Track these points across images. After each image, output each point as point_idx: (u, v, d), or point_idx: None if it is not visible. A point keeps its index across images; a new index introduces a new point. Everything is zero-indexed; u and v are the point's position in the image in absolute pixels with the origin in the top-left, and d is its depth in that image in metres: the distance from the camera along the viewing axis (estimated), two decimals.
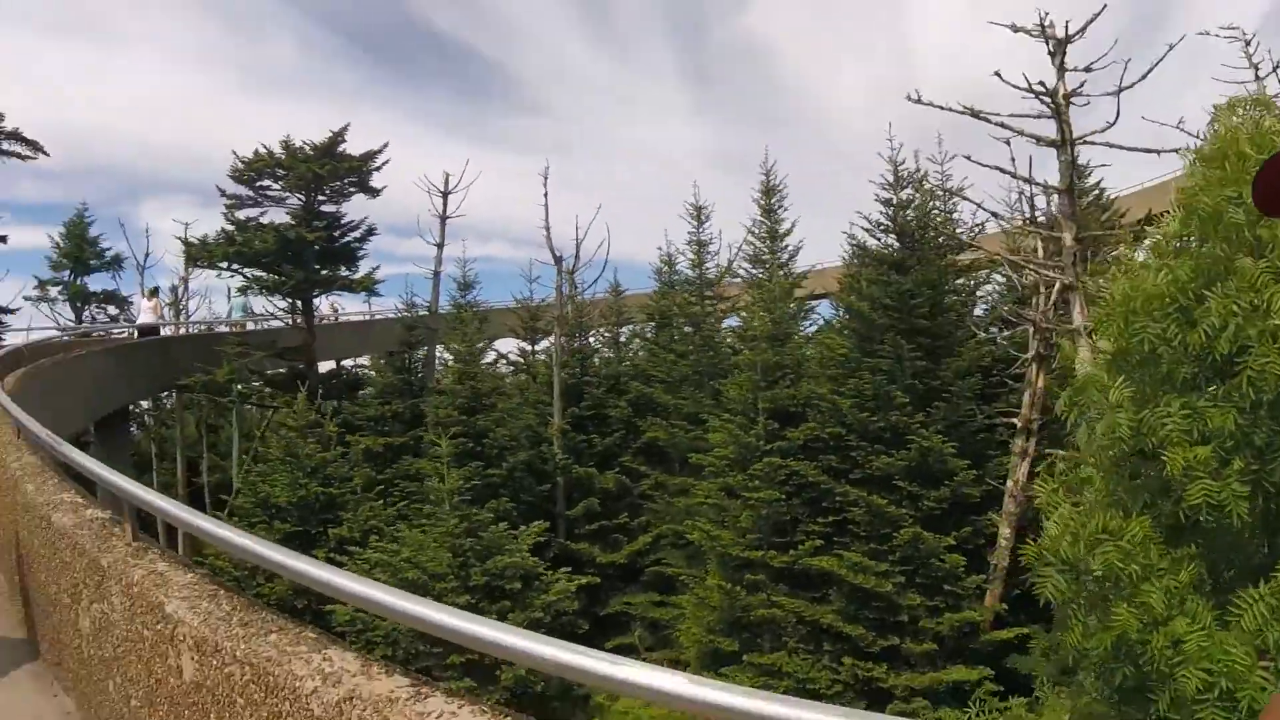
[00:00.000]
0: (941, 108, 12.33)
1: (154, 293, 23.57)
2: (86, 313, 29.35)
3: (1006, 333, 14.54)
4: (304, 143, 20.10)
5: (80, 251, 28.99)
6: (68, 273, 29.21)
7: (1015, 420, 13.00)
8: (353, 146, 20.52)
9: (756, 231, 20.87)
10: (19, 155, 23.44)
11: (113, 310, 30.01)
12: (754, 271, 21.23)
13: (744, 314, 19.66)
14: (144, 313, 22.36)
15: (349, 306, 30.24)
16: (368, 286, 21.26)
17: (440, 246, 21.06)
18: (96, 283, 30.44)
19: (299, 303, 21.34)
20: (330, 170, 19.67)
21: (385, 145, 20.53)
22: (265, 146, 20.18)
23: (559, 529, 17.75)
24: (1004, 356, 14.81)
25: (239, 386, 21.04)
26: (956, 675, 11.94)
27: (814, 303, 21.26)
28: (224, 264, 20.57)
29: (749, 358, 15.08)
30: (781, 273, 20.28)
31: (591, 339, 22.16)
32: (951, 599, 12.53)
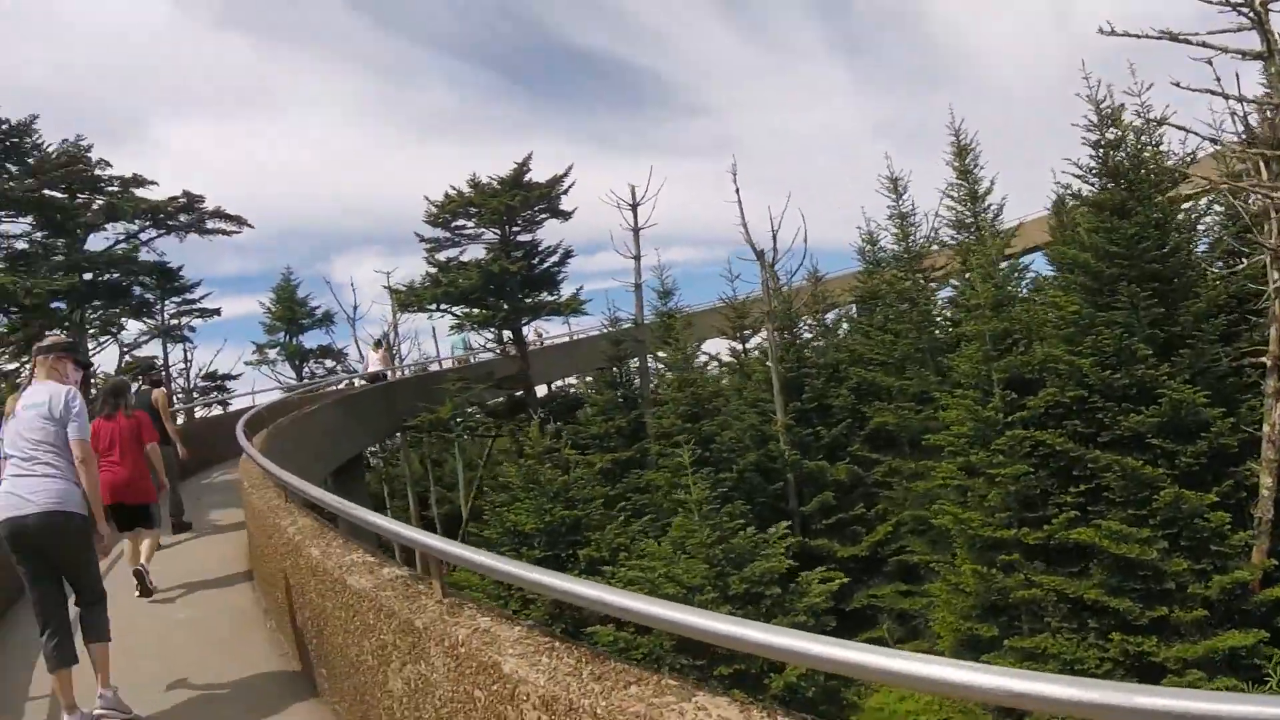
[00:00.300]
0: (1137, 36, 12.74)
1: (379, 343, 27.45)
2: (305, 369, 33.97)
3: (1239, 265, 14.64)
4: (490, 178, 22.81)
5: (292, 313, 33.87)
6: (282, 334, 33.99)
7: (1264, 359, 13.11)
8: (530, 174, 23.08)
9: (955, 195, 21.73)
10: (224, 231, 27.46)
11: (329, 363, 34.72)
12: (958, 237, 21.98)
13: (956, 282, 20.49)
14: (372, 363, 26.41)
15: (550, 329, 33.31)
16: (575, 308, 23.91)
17: (637, 259, 23.15)
18: (310, 339, 35.57)
19: (509, 332, 24.09)
20: (521, 200, 22.32)
21: (570, 168, 23.11)
22: (454, 188, 23.22)
23: (794, 526, 19.29)
24: (1237, 292, 14.99)
25: (459, 420, 23.94)
26: (1231, 641, 12.24)
27: (1027, 259, 21.73)
28: (432, 305, 23.62)
29: (976, 328, 15.94)
30: (988, 234, 21.01)
31: (801, 328, 23.54)
32: (1218, 560, 12.91)
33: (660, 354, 23.90)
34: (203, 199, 27.27)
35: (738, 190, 21.15)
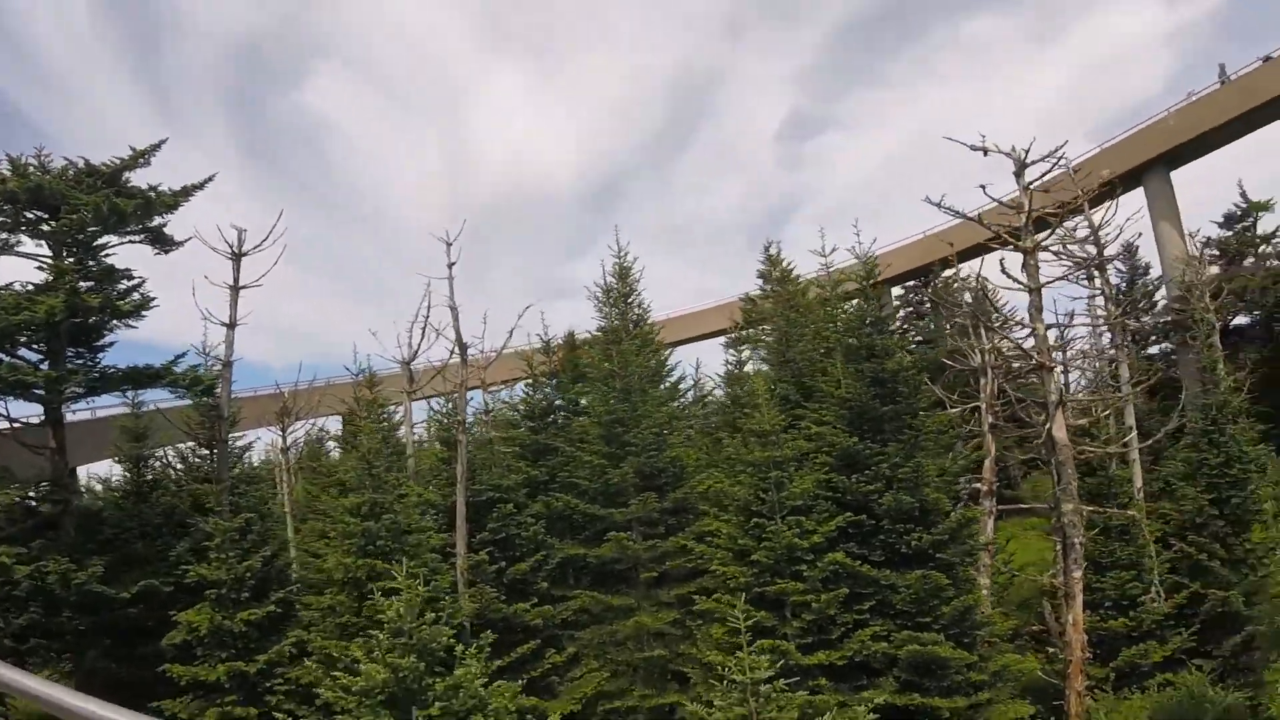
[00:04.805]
0: None
1: None
2: None
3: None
4: (67, 159, 16.40)
5: None
6: None
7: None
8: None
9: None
10: None
11: None
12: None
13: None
14: None
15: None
16: (203, 384, 17.53)
17: (231, 326, 17.47)
18: None
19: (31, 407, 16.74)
20: (141, 208, 16.02)
21: (212, 178, 17.50)
22: None
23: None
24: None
25: None
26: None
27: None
28: None
29: (759, 454, 17.33)
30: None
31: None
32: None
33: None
34: None
35: (451, 264, 18.37)
